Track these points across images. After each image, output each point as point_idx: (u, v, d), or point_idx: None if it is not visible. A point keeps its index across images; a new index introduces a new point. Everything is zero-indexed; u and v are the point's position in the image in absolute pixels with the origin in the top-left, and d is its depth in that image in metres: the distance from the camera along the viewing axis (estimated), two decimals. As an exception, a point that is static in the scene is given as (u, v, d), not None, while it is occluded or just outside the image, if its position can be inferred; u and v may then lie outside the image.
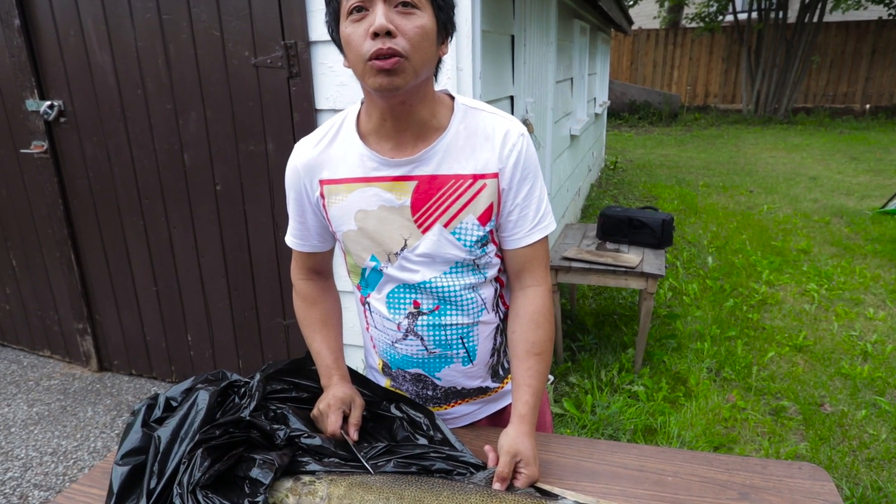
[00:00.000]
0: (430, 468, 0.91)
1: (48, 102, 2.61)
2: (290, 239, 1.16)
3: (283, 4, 2.14)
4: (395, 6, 0.87)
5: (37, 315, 3.21)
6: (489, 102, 2.33)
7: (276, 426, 1.02)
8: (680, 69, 14.53)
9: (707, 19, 13.17)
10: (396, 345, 1.12)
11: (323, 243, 1.16)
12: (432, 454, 0.93)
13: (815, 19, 11.63)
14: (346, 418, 1.07)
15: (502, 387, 1.20)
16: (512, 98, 2.75)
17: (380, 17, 0.86)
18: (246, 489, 0.89)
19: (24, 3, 2.52)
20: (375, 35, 0.87)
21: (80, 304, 2.99)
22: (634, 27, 13.31)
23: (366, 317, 1.16)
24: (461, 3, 1.95)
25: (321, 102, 2.22)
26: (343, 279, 1.25)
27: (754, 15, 12.55)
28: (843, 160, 8.64)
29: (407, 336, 1.10)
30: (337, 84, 2.18)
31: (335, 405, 1.05)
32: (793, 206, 6.19)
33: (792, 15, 12.21)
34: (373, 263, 1.07)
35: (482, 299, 1.08)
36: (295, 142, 2.32)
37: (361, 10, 0.88)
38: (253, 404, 1.03)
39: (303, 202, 1.09)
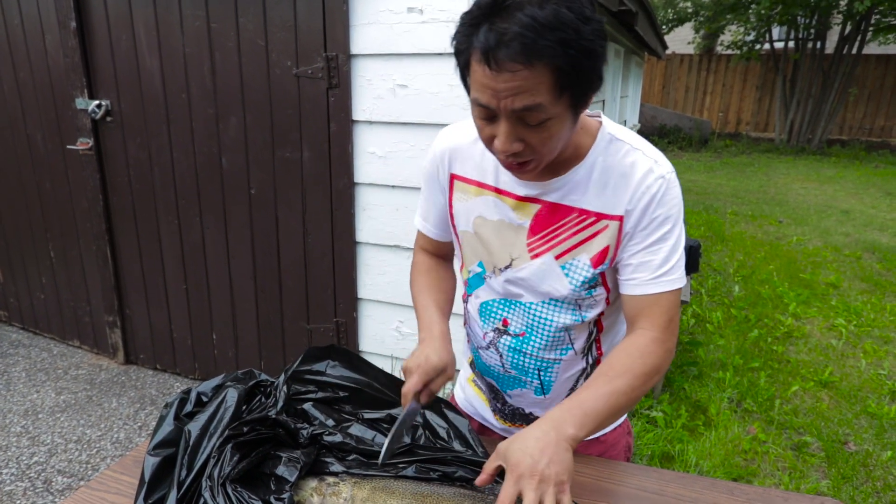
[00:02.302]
0: (453, 475, 0.92)
1: (97, 102, 2.71)
2: (417, 219, 1.21)
3: (327, 18, 2.21)
4: (520, 119, 0.80)
5: (69, 306, 3.31)
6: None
7: (299, 425, 1.04)
8: (712, 95, 14.42)
9: (744, 48, 13.07)
10: (480, 351, 1.15)
11: (440, 232, 1.18)
12: (454, 460, 0.94)
13: (854, 51, 11.48)
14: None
15: None
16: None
17: (503, 142, 0.82)
18: (272, 486, 0.91)
19: (80, 7, 2.63)
20: None
21: (112, 298, 3.07)
22: (668, 51, 13.28)
23: (465, 313, 1.19)
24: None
25: (358, 114, 2.27)
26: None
27: (791, 44, 12.43)
28: (878, 195, 8.46)
29: (489, 348, 1.12)
30: (374, 97, 2.23)
31: (424, 369, 0.98)
32: (823, 239, 6.08)
33: (830, 46, 12.06)
34: (479, 269, 1.08)
35: (570, 339, 1.06)
36: (330, 151, 2.38)
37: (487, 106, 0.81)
38: (280, 404, 1.06)
39: (432, 186, 1.12)
